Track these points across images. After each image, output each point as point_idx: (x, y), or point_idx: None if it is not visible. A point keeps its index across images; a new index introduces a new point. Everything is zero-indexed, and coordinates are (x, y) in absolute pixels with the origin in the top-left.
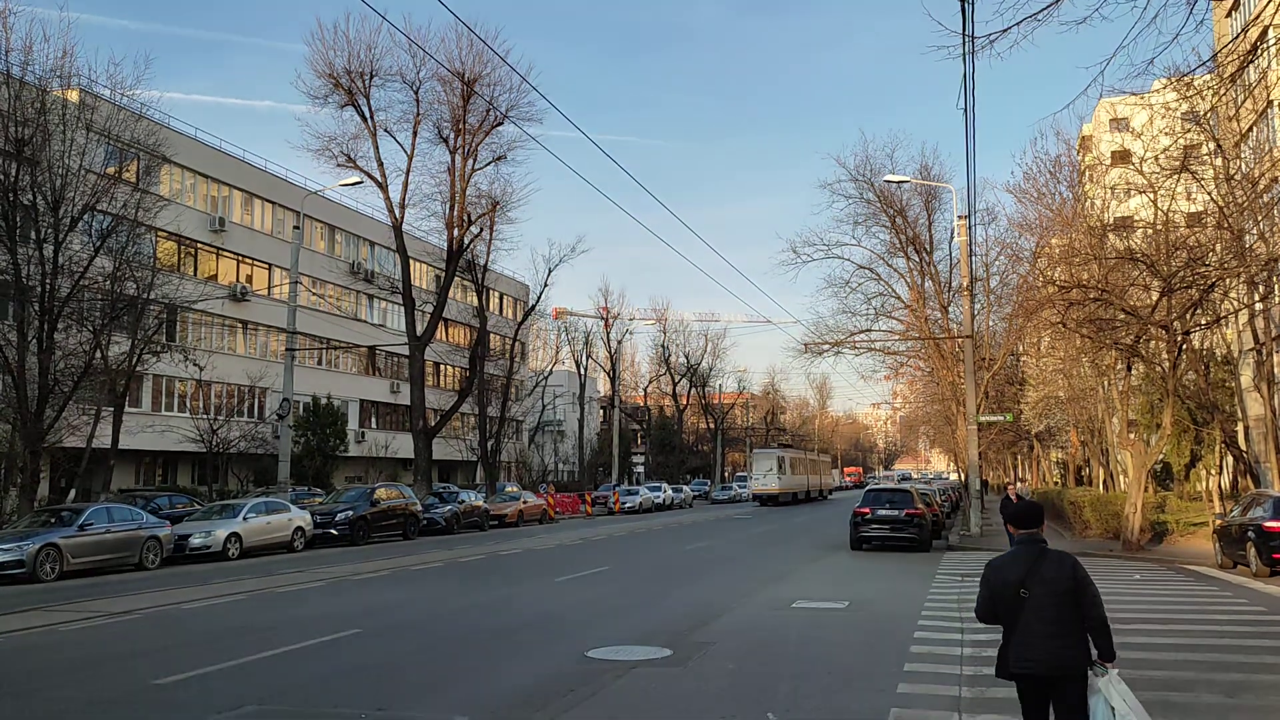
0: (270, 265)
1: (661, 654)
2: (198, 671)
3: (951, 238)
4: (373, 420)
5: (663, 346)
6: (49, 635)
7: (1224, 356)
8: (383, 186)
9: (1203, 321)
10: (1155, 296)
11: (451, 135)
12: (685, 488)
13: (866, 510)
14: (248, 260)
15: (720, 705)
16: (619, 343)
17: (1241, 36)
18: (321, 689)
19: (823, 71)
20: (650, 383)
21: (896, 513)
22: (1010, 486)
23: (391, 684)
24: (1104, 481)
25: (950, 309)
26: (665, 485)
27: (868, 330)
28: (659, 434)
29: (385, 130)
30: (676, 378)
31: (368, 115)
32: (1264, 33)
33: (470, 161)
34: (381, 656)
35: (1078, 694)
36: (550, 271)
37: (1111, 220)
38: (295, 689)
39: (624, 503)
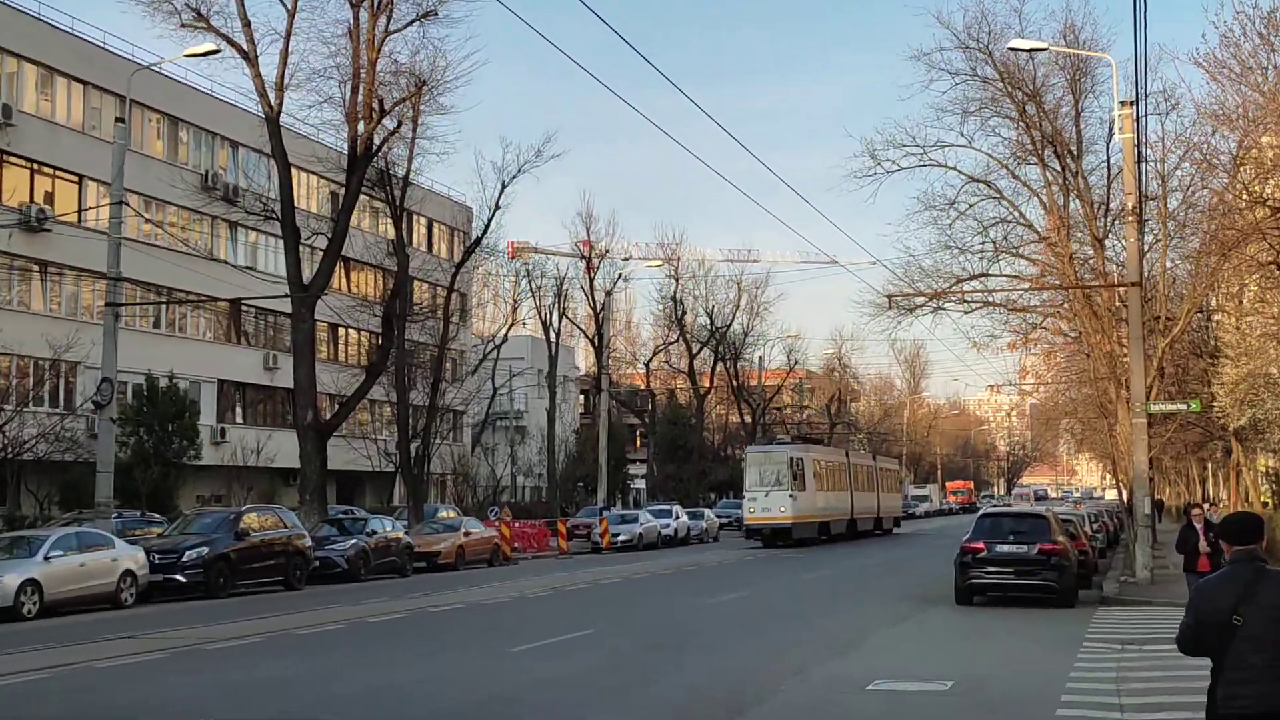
0: (81, 177)
1: None
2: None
3: (1110, 136)
4: (238, 411)
5: (673, 300)
6: None
7: None
8: (250, 58)
9: None
10: None
11: None
12: (708, 511)
13: (980, 546)
14: (47, 169)
15: None
16: (608, 294)
17: None
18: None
19: None
20: (655, 355)
21: (1025, 549)
22: (1195, 510)
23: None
24: None
25: (1108, 243)
26: (678, 508)
27: (983, 275)
28: (669, 432)
29: None
30: (695, 347)
31: None
32: None
33: (382, 20)
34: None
35: None
36: (504, 186)
37: None
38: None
39: (616, 534)
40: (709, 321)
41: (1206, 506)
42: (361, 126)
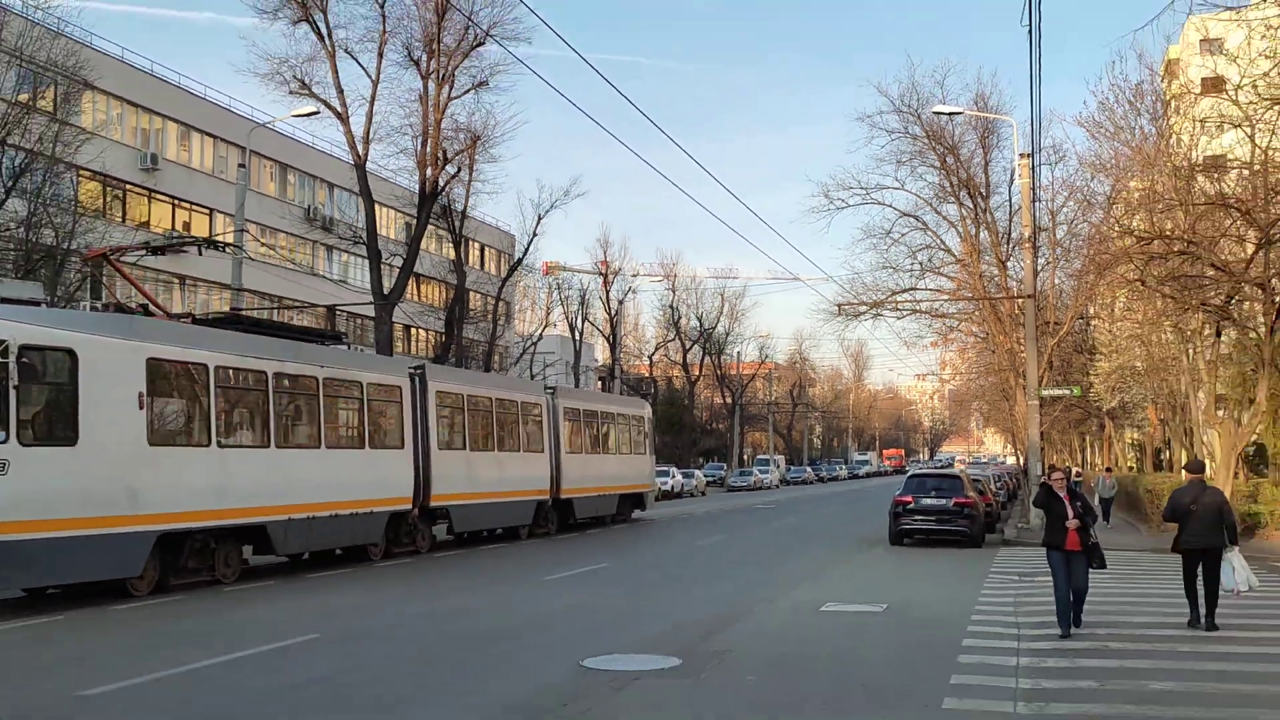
0: (211, 210)
1: (669, 664)
2: (128, 682)
3: (1011, 180)
4: None
5: (671, 307)
6: None
7: None
8: (343, 118)
9: None
10: (1250, 249)
11: (424, 57)
12: (697, 473)
13: (909, 499)
14: (185, 204)
15: None
16: (620, 303)
17: None
18: (276, 704)
19: None
20: (657, 350)
21: (943, 502)
22: (1057, 475)
23: (358, 699)
24: None
25: (1009, 264)
26: (674, 470)
27: (912, 289)
28: (667, 410)
29: (346, 51)
30: (687, 344)
31: (325, 33)
32: None
33: (446, 89)
34: (345, 668)
35: (1217, 559)
36: (540, 219)
37: (1201, 159)
38: (244, 705)
39: None
40: (699, 324)
41: (1074, 469)
42: (429, 171)
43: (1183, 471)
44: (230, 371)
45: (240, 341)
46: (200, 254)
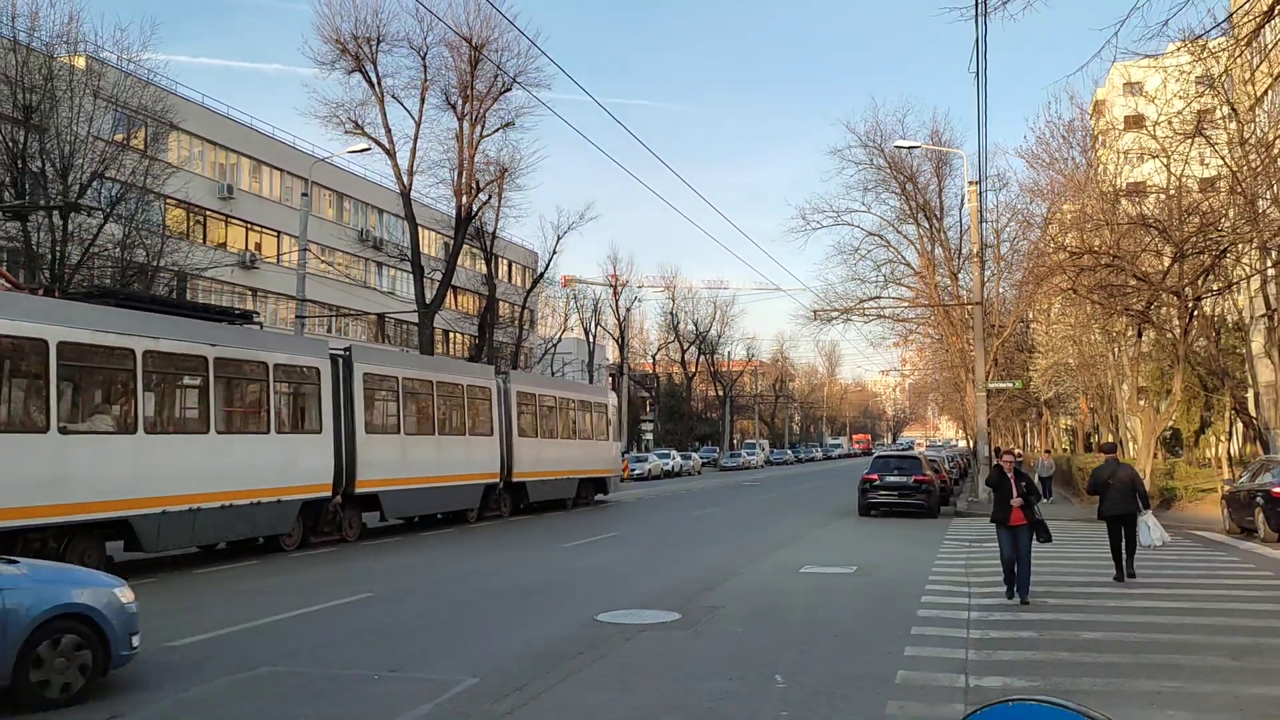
0: (279, 233)
1: (670, 617)
2: (211, 634)
3: (962, 204)
4: None
5: (671, 314)
6: None
7: (1235, 323)
8: (391, 153)
9: (1214, 287)
10: (1167, 262)
11: (459, 101)
12: (694, 455)
13: (875, 476)
14: (257, 228)
15: (728, 668)
16: (628, 310)
17: None
18: (334, 651)
19: (836, 33)
20: (659, 350)
21: (905, 479)
22: (1006, 456)
23: (403, 646)
24: None
25: (960, 276)
26: (674, 452)
27: (877, 298)
28: (668, 401)
29: (393, 96)
30: (685, 345)
31: (375, 81)
32: None
33: (478, 128)
34: (391, 620)
35: (1133, 522)
36: (559, 239)
37: (1124, 186)
38: (308, 651)
39: (633, 469)
40: (695, 328)
41: (1017, 451)
42: (464, 199)
43: (1099, 452)
44: (81, 349)
45: (99, 317)
46: (64, 218)
